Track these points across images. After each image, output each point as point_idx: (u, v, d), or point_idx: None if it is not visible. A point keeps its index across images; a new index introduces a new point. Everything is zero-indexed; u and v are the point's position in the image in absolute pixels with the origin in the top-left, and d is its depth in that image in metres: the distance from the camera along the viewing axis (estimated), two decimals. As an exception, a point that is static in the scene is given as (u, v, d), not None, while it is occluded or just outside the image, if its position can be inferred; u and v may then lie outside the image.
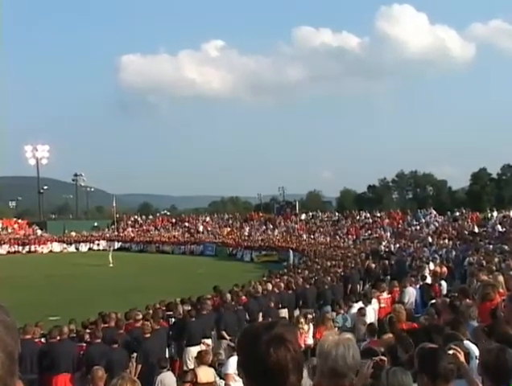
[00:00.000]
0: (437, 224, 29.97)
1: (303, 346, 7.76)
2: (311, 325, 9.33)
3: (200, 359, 7.12)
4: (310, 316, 9.91)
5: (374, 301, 10.60)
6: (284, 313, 12.32)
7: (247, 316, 11.11)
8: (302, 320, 9.01)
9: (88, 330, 9.48)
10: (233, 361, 6.77)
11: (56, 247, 45.24)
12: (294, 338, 1.57)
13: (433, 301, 9.25)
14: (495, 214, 27.62)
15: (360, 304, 10.35)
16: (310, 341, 8.70)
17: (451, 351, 3.37)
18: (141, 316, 9.84)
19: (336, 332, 2.22)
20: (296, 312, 12.57)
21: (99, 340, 8.25)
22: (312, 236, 36.76)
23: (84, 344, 8.73)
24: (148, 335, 8.55)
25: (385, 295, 11.20)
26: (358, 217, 38.91)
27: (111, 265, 31.76)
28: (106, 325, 9.53)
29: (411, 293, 10.82)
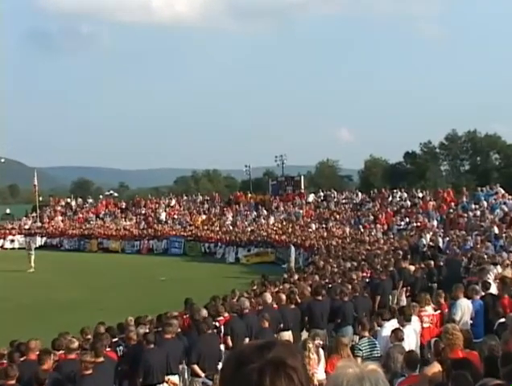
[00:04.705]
0: (506, 209, 30.14)
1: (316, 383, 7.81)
2: (321, 352, 9.36)
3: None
4: (318, 341, 9.85)
5: (415, 319, 10.70)
6: (288, 336, 12.43)
7: (230, 341, 11.16)
8: (310, 345, 9.01)
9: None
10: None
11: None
12: (300, 364, 1.55)
13: (502, 319, 9.31)
14: None
15: (394, 323, 10.41)
16: (321, 376, 8.74)
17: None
18: (76, 344, 9.85)
19: (355, 362, 2.14)
20: (303, 335, 12.65)
21: (13, 381, 8.23)
22: (324, 226, 36.93)
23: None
24: (88, 372, 8.55)
25: (430, 311, 11.28)
26: (391, 198, 39.05)
27: (32, 271, 31.89)
28: (24, 358, 9.50)
29: (466, 308, 10.90)
